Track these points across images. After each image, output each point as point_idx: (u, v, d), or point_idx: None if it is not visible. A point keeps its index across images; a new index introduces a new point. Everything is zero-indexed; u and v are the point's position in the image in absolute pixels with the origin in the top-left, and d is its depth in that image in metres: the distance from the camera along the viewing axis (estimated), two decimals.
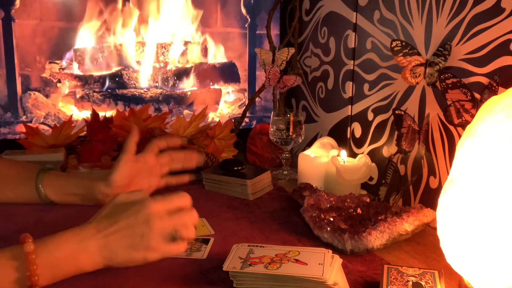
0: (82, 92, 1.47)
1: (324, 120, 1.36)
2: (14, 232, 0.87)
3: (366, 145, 1.17)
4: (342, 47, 1.24)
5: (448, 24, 0.88)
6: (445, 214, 0.63)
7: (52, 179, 0.94)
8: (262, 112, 1.65)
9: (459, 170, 0.63)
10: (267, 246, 0.74)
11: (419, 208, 0.88)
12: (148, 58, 1.53)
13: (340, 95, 1.26)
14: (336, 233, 0.83)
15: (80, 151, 1.29)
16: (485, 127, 0.60)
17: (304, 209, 0.93)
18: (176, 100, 1.56)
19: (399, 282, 0.67)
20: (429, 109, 0.94)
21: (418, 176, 0.98)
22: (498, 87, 0.77)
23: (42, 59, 1.42)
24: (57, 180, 0.94)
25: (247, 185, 1.08)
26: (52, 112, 1.45)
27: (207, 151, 1.32)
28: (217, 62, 1.60)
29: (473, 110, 0.81)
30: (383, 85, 1.09)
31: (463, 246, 0.61)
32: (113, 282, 0.70)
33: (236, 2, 1.57)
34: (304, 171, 1.14)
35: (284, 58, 1.37)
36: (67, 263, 0.66)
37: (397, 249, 0.84)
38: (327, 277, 0.64)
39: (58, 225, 0.77)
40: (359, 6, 1.16)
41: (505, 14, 0.76)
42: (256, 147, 1.39)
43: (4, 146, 1.31)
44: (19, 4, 1.36)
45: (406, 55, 0.92)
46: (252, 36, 1.60)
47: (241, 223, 0.94)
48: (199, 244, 0.83)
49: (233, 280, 0.69)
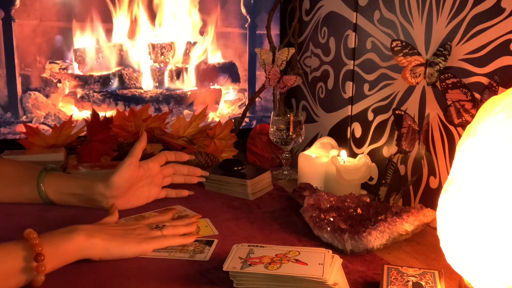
0: (82, 92, 1.47)
1: (324, 120, 1.36)
2: (14, 231, 0.87)
3: (366, 145, 1.17)
4: (342, 47, 1.24)
5: (448, 24, 0.88)
6: (445, 214, 0.63)
7: (53, 179, 0.95)
8: (262, 112, 1.65)
9: (459, 170, 0.63)
10: (267, 246, 0.74)
11: (419, 208, 0.88)
12: (148, 58, 1.53)
13: (340, 95, 1.26)
14: (336, 233, 0.83)
15: (80, 151, 1.29)
16: (485, 127, 0.60)
17: (304, 209, 0.93)
18: (176, 100, 1.56)
19: (399, 282, 0.67)
20: (429, 109, 0.94)
21: (418, 176, 0.98)
22: (498, 87, 0.77)
23: (42, 59, 1.42)
24: (57, 180, 0.95)
25: (247, 185, 1.08)
26: (52, 112, 1.45)
27: (207, 151, 1.32)
28: (217, 62, 1.60)
29: (473, 110, 0.81)
30: (383, 85, 1.09)
31: (463, 246, 0.61)
32: (113, 282, 0.70)
33: (236, 2, 1.57)
34: (304, 171, 1.14)
35: (284, 58, 1.37)
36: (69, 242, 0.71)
37: (397, 249, 0.84)
38: (327, 277, 0.64)
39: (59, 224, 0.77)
40: (359, 6, 1.16)
41: (505, 14, 0.76)
42: (256, 147, 1.39)
43: (4, 146, 1.31)
44: (19, 4, 1.36)
45: (406, 55, 0.92)
46: (252, 36, 1.60)
47: (241, 223, 0.94)
48: (203, 245, 0.83)
49: (233, 280, 0.69)
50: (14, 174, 0.96)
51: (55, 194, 0.95)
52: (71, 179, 0.96)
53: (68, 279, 0.68)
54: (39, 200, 0.95)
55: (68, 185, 0.95)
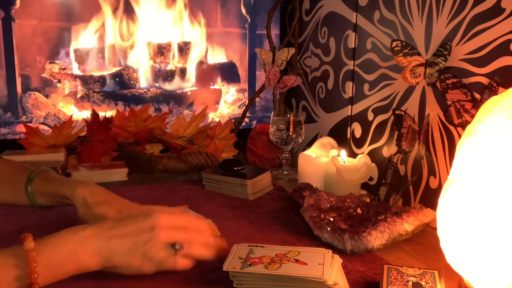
0: (82, 92, 1.47)
1: (324, 120, 1.36)
2: (14, 232, 0.87)
3: (366, 145, 1.17)
4: (342, 47, 1.24)
5: (448, 24, 0.88)
6: (445, 214, 0.63)
7: (38, 183, 0.91)
8: (262, 112, 1.65)
9: (459, 170, 0.63)
10: (267, 246, 0.74)
11: (419, 208, 0.88)
12: (148, 58, 1.53)
13: (340, 95, 1.26)
14: (336, 233, 0.83)
15: (80, 151, 1.29)
16: (485, 127, 0.60)
17: (304, 209, 0.93)
18: (176, 100, 1.56)
19: (399, 282, 0.67)
20: (429, 109, 0.94)
21: (418, 176, 0.98)
22: (498, 87, 0.77)
23: (42, 59, 1.42)
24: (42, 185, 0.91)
25: (247, 185, 1.08)
26: (52, 112, 1.45)
27: (207, 151, 1.32)
28: (217, 62, 1.60)
29: (473, 110, 0.81)
30: (383, 85, 1.09)
31: (463, 246, 0.61)
32: (113, 282, 0.70)
33: (236, 2, 1.57)
34: (304, 171, 1.14)
35: (284, 58, 1.37)
36: (67, 261, 0.66)
37: (397, 249, 0.84)
38: (327, 277, 0.64)
39: (59, 224, 0.77)
40: (359, 6, 1.16)
41: (505, 14, 0.76)
42: (256, 147, 1.39)
43: (4, 146, 1.31)
44: (19, 4, 1.36)
45: (406, 55, 0.92)
46: (252, 36, 1.60)
47: (241, 223, 0.94)
48: None
49: (233, 280, 0.69)
50: (7, 178, 0.94)
51: (43, 198, 0.92)
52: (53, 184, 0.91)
53: (67, 279, 0.68)
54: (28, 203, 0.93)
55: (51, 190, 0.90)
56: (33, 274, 0.62)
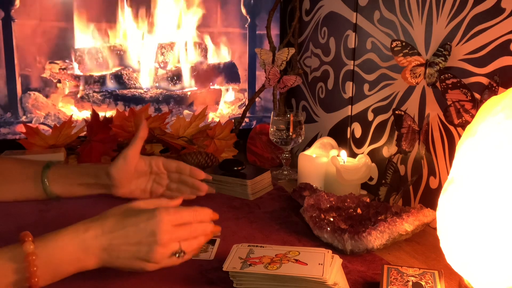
0: (82, 92, 1.47)
1: (324, 120, 1.36)
2: (14, 231, 0.87)
3: (366, 145, 1.17)
4: (342, 47, 1.24)
5: (448, 24, 0.88)
6: (445, 214, 0.63)
7: (57, 172, 0.94)
8: (262, 112, 1.65)
9: (459, 170, 0.63)
10: (267, 246, 0.74)
11: (419, 208, 0.88)
12: (148, 58, 1.53)
13: (340, 95, 1.26)
14: (336, 233, 0.83)
15: (80, 151, 1.29)
16: (485, 127, 0.60)
17: (304, 209, 0.93)
18: (176, 100, 1.56)
19: (399, 282, 0.67)
20: (429, 109, 0.94)
21: (418, 176, 0.98)
22: (498, 87, 0.77)
23: (42, 59, 1.42)
24: (62, 173, 0.94)
25: (247, 185, 1.08)
26: (52, 112, 1.45)
27: (207, 151, 1.32)
28: (217, 62, 1.60)
29: (473, 110, 0.81)
30: (383, 85, 1.09)
31: (463, 246, 0.61)
32: (113, 282, 0.70)
33: (236, 2, 1.57)
34: (304, 171, 1.14)
35: (284, 58, 1.37)
36: (67, 263, 0.66)
37: (397, 249, 0.84)
38: (327, 277, 0.64)
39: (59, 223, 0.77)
40: (359, 6, 1.16)
41: (505, 14, 0.76)
42: (256, 147, 1.39)
43: (4, 146, 1.31)
44: (19, 4, 1.36)
45: (406, 55, 0.92)
46: (252, 36, 1.60)
47: (241, 223, 0.94)
48: (206, 244, 0.82)
49: (233, 280, 0.69)
50: (17, 172, 0.95)
51: (60, 187, 0.94)
52: (76, 169, 0.97)
53: (66, 278, 0.68)
54: (44, 195, 0.94)
55: (73, 175, 0.95)
56: (33, 278, 0.62)
